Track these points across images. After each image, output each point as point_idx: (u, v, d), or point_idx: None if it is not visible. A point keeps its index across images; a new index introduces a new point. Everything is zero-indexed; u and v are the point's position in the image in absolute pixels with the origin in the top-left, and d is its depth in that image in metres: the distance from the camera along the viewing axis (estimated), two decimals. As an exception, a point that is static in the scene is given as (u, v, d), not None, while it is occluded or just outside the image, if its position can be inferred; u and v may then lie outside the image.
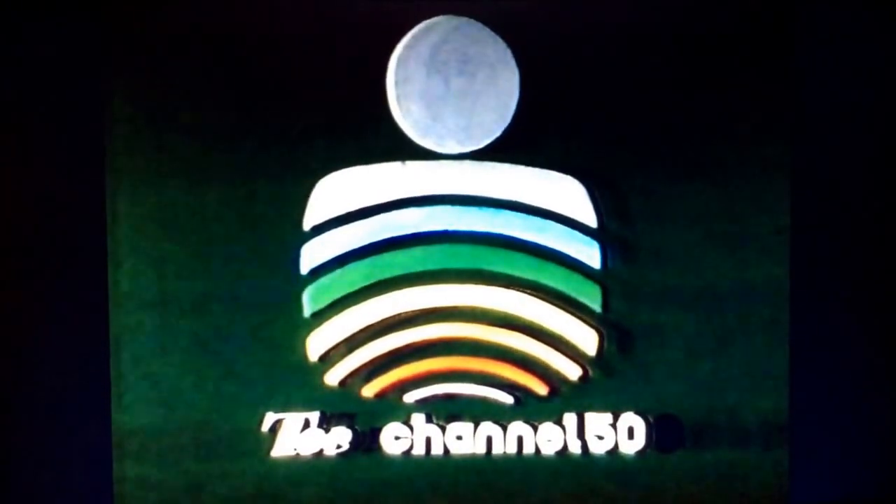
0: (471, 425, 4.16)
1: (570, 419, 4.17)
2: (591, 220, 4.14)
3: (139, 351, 4.11)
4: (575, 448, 4.17)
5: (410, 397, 4.16)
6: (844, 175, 4.26)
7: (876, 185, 4.28)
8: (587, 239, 4.15)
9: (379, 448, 4.15)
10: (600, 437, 4.18)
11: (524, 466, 4.18)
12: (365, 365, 4.14)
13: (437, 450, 4.16)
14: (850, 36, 4.23)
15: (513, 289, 4.15)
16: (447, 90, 4.09)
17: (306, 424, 4.13)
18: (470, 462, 4.17)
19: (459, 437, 4.16)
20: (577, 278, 4.15)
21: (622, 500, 4.22)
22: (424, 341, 4.14)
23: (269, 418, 4.13)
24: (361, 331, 4.13)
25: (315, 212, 4.11)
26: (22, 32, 4.08)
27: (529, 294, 4.15)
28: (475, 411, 4.17)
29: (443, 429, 4.17)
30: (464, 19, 4.09)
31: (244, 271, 4.12)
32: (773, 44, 4.16)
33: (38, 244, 4.13)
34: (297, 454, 4.13)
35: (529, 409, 4.18)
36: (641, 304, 4.18)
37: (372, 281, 4.13)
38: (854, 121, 4.25)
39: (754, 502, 4.25)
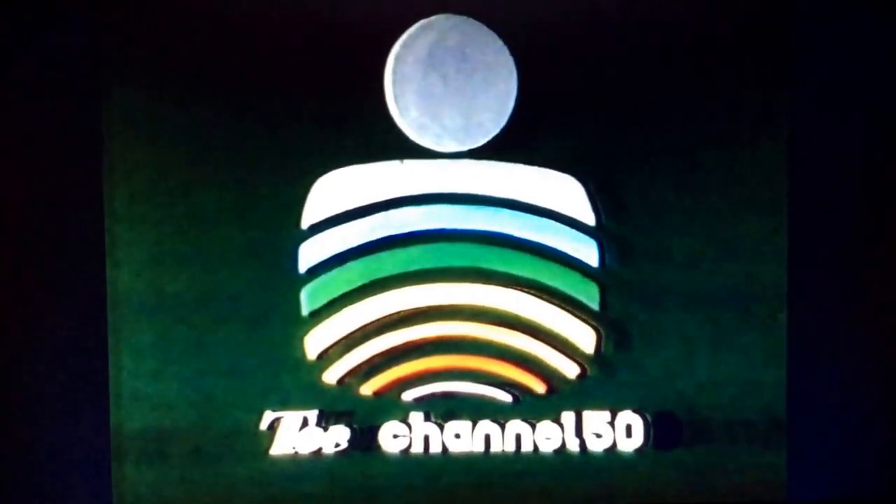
0: (469, 424, 4.17)
1: (568, 417, 4.18)
2: (589, 218, 4.15)
3: (137, 350, 4.11)
4: (573, 446, 4.18)
5: (408, 396, 4.16)
6: (842, 173, 4.25)
7: (873, 184, 4.28)
8: (585, 237, 4.15)
9: (377, 446, 4.16)
10: (598, 435, 4.18)
11: (522, 464, 4.19)
12: (363, 363, 4.14)
13: (435, 448, 4.17)
14: (848, 34, 4.22)
15: (511, 287, 4.15)
16: (445, 89, 4.09)
17: (305, 423, 4.13)
18: (468, 460, 4.17)
19: (458, 436, 4.17)
20: (575, 277, 4.16)
21: (620, 498, 4.23)
22: (422, 340, 4.14)
23: (268, 416, 4.13)
24: (359, 329, 4.13)
25: (313, 210, 4.11)
26: (18, 32, 4.07)
27: (527, 292, 4.15)
28: (473, 410, 4.18)
29: (441, 427, 4.17)
30: (461, 18, 4.08)
31: (242, 270, 4.12)
32: (771, 42, 4.16)
33: (36, 244, 4.12)
34: (296, 452, 4.14)
35: (527, 407, 4.18)
36: (639, 303, 4.19)
37: (370, 279, 4.13)
38: (851, 119, 4.24)
39: (752, 500, 4.26)
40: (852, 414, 4.29)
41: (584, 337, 4.17)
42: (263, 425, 4.13)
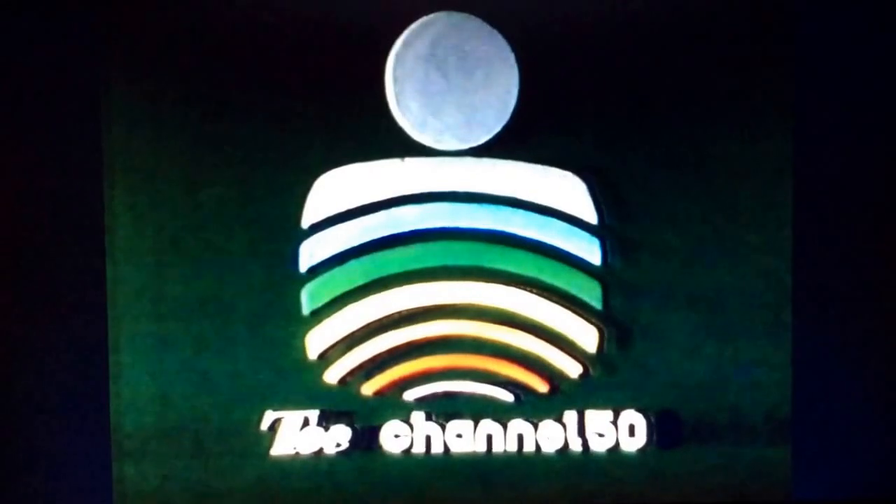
0: (471, 423, 4.15)
1: (570, 417, 4.16)
2: (591, 216, 4.12)
3: (138, 350, 4.10)
4: (575, 446, 4.15)
5: (410, 395, 4.14)
6: (847, 171, 4.21)
7: (879, 181, 4.23)
8: (587, 235, 4.12)
9: (378, 446, 4.14)
10: (601, 435, 4.16)
11: (525, 464, 4.17)
12: (364, 363, 4.13)
13: (437, 448, 4.15)
14: (853, 29, 4.18)
15: (513, 286, 4.13)
16: (446, 86, 4.07)
17: (305, 423, 4.12)
18: (470, 460, 4.15)
19: (459, 436, 4.15)
20: (577, 275, 4.13)
21: (623, 498, 4.21)
22: (424, 339, 4.12)
23: (269, 416, 4.11)
24: (360, 329, 4.12)
25: (313, 209, 4.09)
26: (17, 30, 4.05)
27: (529, 291, 4.12)
28: (475, 409, 4.16)
29: (443, 427, 4.15)
30: (462, 15, 4.06)
31: (242, 269, 4.11)
32: (775, 38, 4.13)
33: (36, 244, 4.11)
34: (297, 452, 4.12)
35: (530, 406, 4.16)
36: (642, 301, 4.16)
37: (371, 279, 4.11)
38: (857, 116, 4.20)
39: (756, 500, 4.23)
40: (857, 413, 4.25)
41: (587, 336, 4.14)
42: (264, 425, 4.12)
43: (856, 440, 4.25)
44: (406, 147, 4.09)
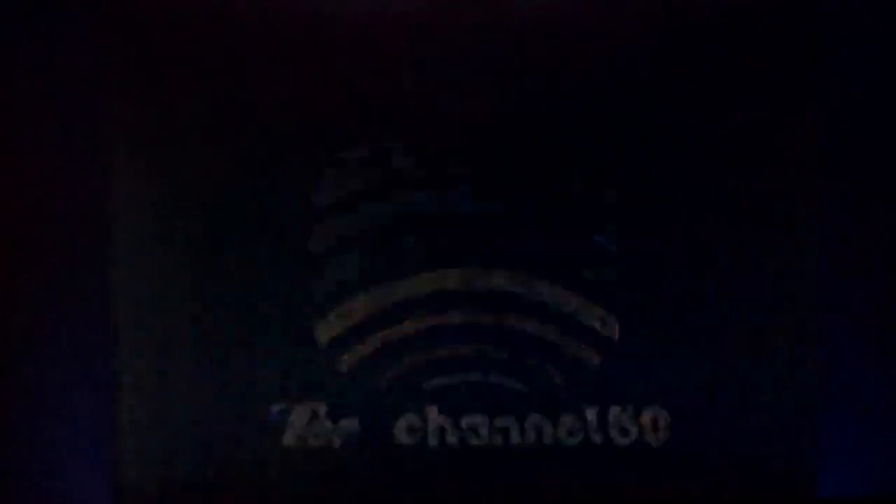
0: (487, 416, 4.06)
1: (590, 410, 4.08)
2: (610, 201, 4.04)
3: (141, 340, 4.00)
4: (596, 440, 4.08)
5: (424, 386, 4.05)
6: (878, 162, 4.13)
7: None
8: (608, 223, 4.05)
9: (391, 439, 4.05)
10: (622, 429, 4.08)
11: (542, 459, 4.08)
12: (376, 352, 4.04)
13: (451, 441, 4.06)
14: (880, 19, 4.10)
15: (531, 273, 4.04)
16: (463, 66, 3.99)
17: (315, 415, 4.03)
18: (486, 454, 4.07)
19: (475, 429, 4.06)
20: (597, 262, 4.05)
21: (645, 494, 4.12)
22: (438, 327, 4.04)
23: (277, 408, 4.03)
24: (373, 316, 4.03)
25: (324, 194, 4.01)
26: (15, 28, 3.96)
27: (548, 279, 4.04)
28: (492, 401, 4.07)
29: (458, 419, 4.06)
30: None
31: (251, 256, 4.01)
32: (801, 28, 4.05)
33: (36, 237, 4.01)
34: (306, 445, 4.03)
35: (548, 399, 4.07)
36: (664, 291, 4.07)
37: (384, 264, 4.02)
38: (884, 107, 4.13)
39: (780, 497, 4.14)
40: (886, 408, 4.17)
41: (608, 327, 4.07)
42: (272, 417, 4.03)
43: (884, 436, 4.18)
44: (421, 129, 4.01)
